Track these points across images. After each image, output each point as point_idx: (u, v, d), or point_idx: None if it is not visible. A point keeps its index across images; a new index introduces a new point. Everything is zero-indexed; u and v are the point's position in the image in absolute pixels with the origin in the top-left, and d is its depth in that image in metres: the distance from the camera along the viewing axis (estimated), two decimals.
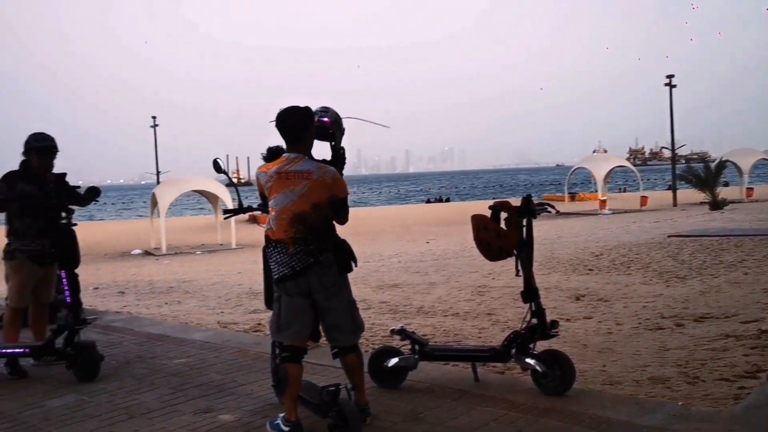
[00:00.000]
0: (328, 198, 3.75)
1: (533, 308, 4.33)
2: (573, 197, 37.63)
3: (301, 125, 3.80)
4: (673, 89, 32.76)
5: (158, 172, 40.38)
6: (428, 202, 50.65)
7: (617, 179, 41.66)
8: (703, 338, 5.98)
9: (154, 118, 41.02)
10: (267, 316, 8.20)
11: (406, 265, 13.68)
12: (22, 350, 5.23)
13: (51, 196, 5.19)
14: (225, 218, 5.20)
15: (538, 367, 4.20)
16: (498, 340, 6.34)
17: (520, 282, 11.15)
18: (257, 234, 26.72)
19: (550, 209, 4.61)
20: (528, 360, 4.26)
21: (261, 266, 4.37)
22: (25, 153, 5.44)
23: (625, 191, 49.43)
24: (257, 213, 4.84)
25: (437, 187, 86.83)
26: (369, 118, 4.93)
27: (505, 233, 4.20)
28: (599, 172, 30.53)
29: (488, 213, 4.32)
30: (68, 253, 5.13)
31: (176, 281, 12.73)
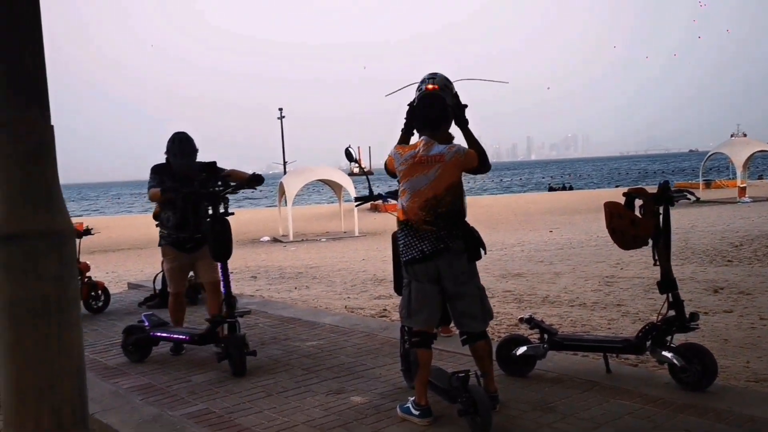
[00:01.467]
0: (460, 176, 3.82)
1: (671, 299, 4.14)
2: (708, 185, 35.52)
3: (444, 116, 3.86)
4: None
5: (285, 162, 41.82)
6: (551, 189, 49.41)
7: (757, 165, 38.86)
8: None
9: (280, 110, 42.51)
10: (392, 302, 8.38)
11: (529, 254, 13.46)
12: (183, 337, 5.36)
13: (203, 188, 5.12)
14: (356, 205, 5.16)
15: (676, 361, 4.03)
16: (629, 331, 6.14)
17: (650, 273, 10.73)
18: (378, 222, 27.18)
19: (689, 196, 4.39)
20: (665, 353, 4.09)
21: (384, 253, 4.43)
22: (166, 152, 5.60)
23: (761, 178, 46.08)
24: (379, 202, 4.93)
25: (560, 175, 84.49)
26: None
27: (640, 221, 4.05)
28: (738, 158, 28.57)
29: (622, 200, 4.17)
30: (220, 243, 5.07)
31: (304, 267, 13.16)
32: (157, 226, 5.86)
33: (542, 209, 29.38)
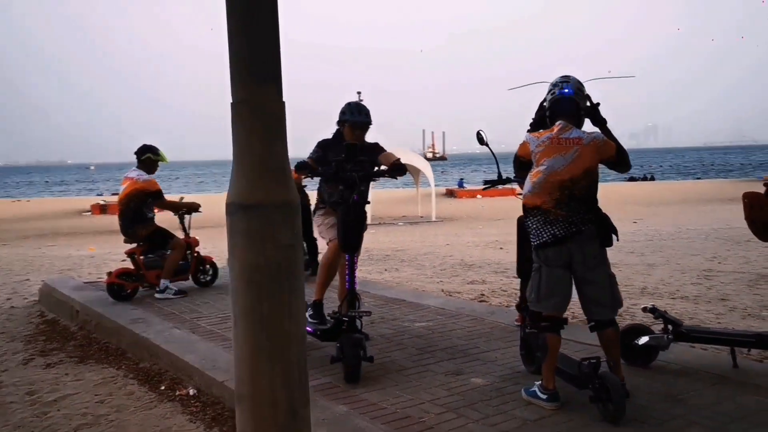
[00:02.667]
0: (597, 162, 3.84)
1: None
2: None
3: (579, 111, 3.95)
4: None
5: None
6: (632, 180, 48.14)
7: None
8: None
9: (359, 93, 42.64)
10: (487, 287, 8.41)
11: (618, 244, 13.19)
12: (311, 330, 4.96)
13: (339, 170, 4.80)
14: (485, 188, 5.14)
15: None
16: (739, 326, 5.98)
17: (750, 268, 10.41)
18: (455, 208, 27.11)
19: None
20: None
21: (464, 239, 4.45)
22: (339, 123, 5.36)
23: None
24: (455, 187, 4.95)
25: (641, 165, 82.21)
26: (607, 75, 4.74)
27: None
28: None
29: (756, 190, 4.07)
30: (350, 233, 4.76)
31: (390, 250, 13.30)
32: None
33: (624, 200, 28.69)
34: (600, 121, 3.97)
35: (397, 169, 4.98)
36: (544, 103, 4.07)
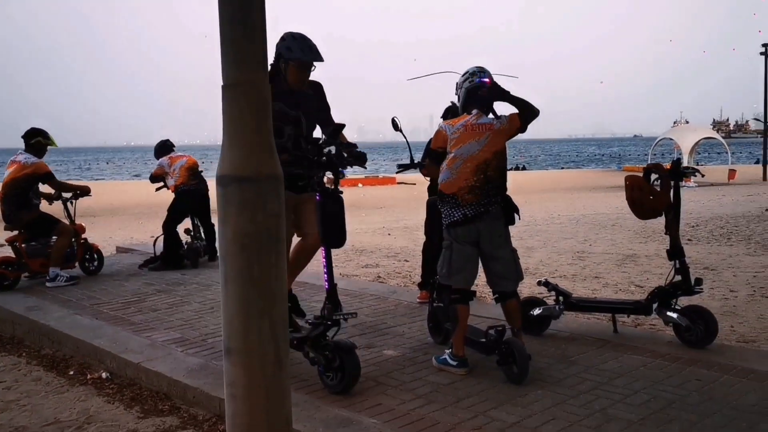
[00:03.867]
0: (505, 142, 4.22)
1: (677, 266, 4.59)
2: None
3: (491, 99, 4.28)
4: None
5: None
6: None
7: (702, 152, 40.52)
8: None
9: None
10: (382, 269, 8.72)
11: None
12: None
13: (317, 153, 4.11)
14: (397, 172, 5.34)
15: (681, 321, 4.48)
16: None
17: (616, 249, 11.31)
18: (355, 196, 27.34)
19: (697, 174, 4.84)
20: (671, 314, 4.55)
21: (351, 227, 4.41)
22: (280, 60, 4.53)
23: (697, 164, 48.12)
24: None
25: (512, 155, 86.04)
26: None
27: (657, 194, 4.47)
28: (685, 144, 29.87)
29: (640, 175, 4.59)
30: (330, 225, 4.03)
31: None
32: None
33: None
34: (503, 93, 4.25)
35: (360, 157, 4.30)
36: (457, 92, 4.37)
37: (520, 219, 4.37)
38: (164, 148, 8.84)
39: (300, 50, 4.44)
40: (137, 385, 4.42)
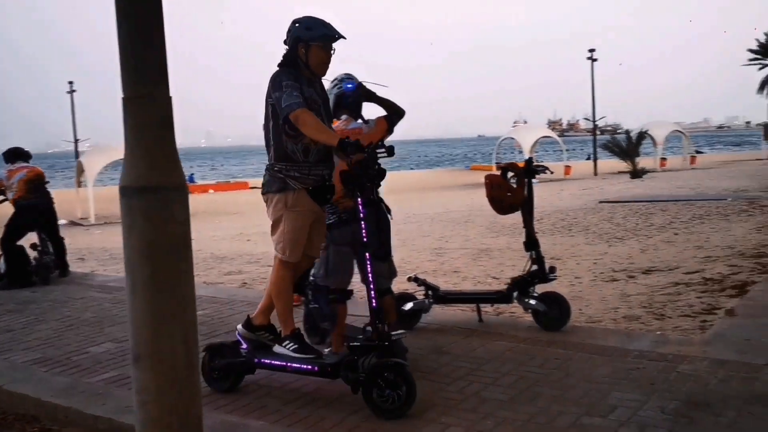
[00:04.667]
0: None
1: (534, 256, 4.99)
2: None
3: (360, 105, 4.45)
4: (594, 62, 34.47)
5: (76, 140, 38.99)
6: None
7: (540, 150, 43.40)
8: (656, 286, 6.84)
9: (70, 83, 39.43)
10: (248, 276, 8.66)
11: None
12: (309, 367, 3.88)
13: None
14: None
15: (539, 307, 4.87)
16: None
17: (471, 245, 11.89)
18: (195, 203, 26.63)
19: (547, 171, 5.27)
20: (530, 301, 4.93)
21: (207, 234, 4.64)
22: (299, 43, 3.95)
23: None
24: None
25: None
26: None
27: (515, 190, 4.83)
28: (526, 143, 31.86)
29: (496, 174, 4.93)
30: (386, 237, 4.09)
31: None
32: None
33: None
34: (370, 94, 4.43)
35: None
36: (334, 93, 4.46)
37: (392, 219, 4.56)
38: (13, 155, 8.27)
39: (323, 26, 3.96)
40: (0, 410, 4.16)
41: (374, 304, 3.72)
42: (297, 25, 3.96)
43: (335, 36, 3.97)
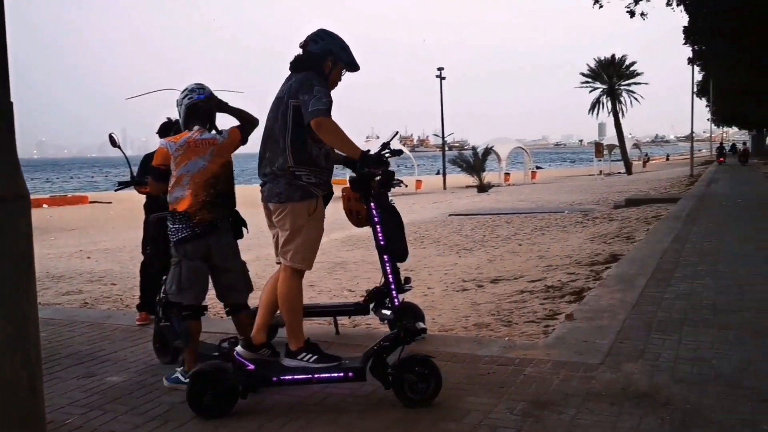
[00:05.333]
0: (230, 155, 4.28)
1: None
2: None
3: (213, 115, 4.33)
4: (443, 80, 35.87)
5: None
6: None
7: (392, 164, 44.30)
8: (503, 294, 7.19)
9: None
10: (85, 296, 8.14)
11: None
12: (340, 374, 3.83)
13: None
14: (116, 190, 5.04)
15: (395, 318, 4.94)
16: None
17: (326, 258, 11.90)
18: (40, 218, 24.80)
19: (402, 184, 5.37)
20: (385, 312, 4.99)
21: (40, 252, 4.41)
22: (327, 59, 3.93)
23: None
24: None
25: None
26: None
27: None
28: None
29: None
30: (401, 238, 3.96)
31: None
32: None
33: None
34: (222, 105, 4.37)
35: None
36: (178, 109, 4.33)
37: (248, 232, 4.47)
38: None
39: (352, 54, 3.97)
40: None
41: (397, 304, 3.87)
42: (332, 38, 3.92)
43: (357, 69, 4.00)
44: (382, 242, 3.87)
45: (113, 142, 4.47)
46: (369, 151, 3.82)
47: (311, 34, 3.93)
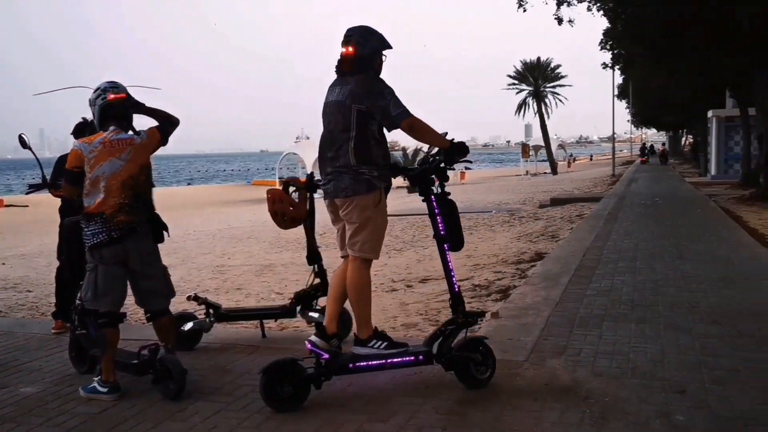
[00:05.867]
0: (149, 156, 4.16)
1: (316, 269, 5.03)
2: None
3: (130, 114, 4.17)
4: None
5: None
6: None
7: None
8: (431, 294, 7.25)
9: None
10: (2, 302, 7.77)
11: None
12: (411, 358, 3.97)
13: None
14: (27, 192, 4.82)
15: (321, 320, 4.89)
16: None
17: (252, 261, 11.78)
18: None
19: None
20: (312, 314, 4.96)
21: None
22: (374, 56, 4.06)
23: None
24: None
25: None
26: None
27: (296, 204, 4.82)
28: (308, 158, 32.29)
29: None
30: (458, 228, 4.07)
31: None
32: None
33: None
34: (138, 106, 4.22)
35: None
36: (92, 109, 4.16)
37: (169, 236, 4.34)
38: None
39: (386, 38, 4.10)
40: None
41: (456, 290, 4.10)
42: (373, 35, 4.03)
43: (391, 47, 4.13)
44: (442, 233, 4.04)
45: (23, 143, 4.27)
46: (453, 139, 4.00)
47: (354, 37, 4.00)
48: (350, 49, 3.95)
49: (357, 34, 3.99)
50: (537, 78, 59.70)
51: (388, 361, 3.94)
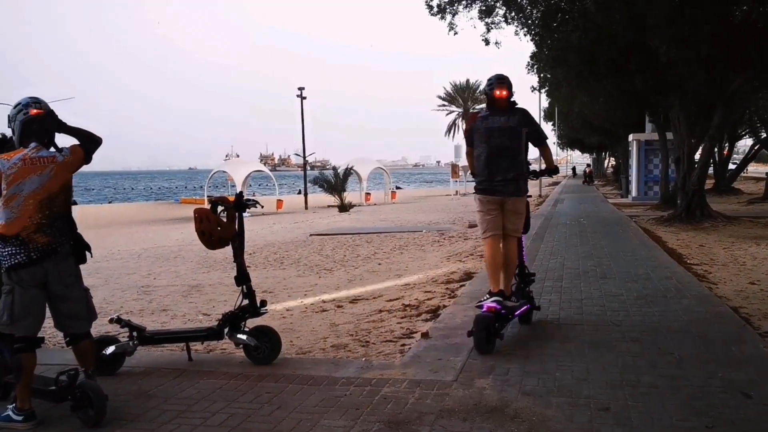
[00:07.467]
0: (71, 175, 4.02)
1: (245, 290, 4.94)
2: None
3: (51, 131, 4.03)
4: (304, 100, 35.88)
5: None
6: None
7: (253, 184, 43.86)
8: (362, 314, 7.23)
9: None
10: None
11: None
12: (527, 307, 5.97)
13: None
14: None
15: (250, 342, 4.83)
16: None
17: (181, 281, 11.53)
18: None
19: (258, 205, 5.27)
20: (241, 336, 4.87)
21: None
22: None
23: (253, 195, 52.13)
24: None
25: None
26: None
27: (224, 224, 4.75)
28: (238, 176, 31.88)
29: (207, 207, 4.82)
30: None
31: None
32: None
33: None
34: (60, 125, 4.08)
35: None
36: (11, 125, 4.00)
37: (92, 256, 4.19)
38: None
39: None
40: None
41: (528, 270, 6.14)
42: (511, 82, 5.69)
43: None
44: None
45: None
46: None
47: (509, 84, 5.65)
48: (505, 92, 5.55)
49: (509, 84, 5.61)
50: (466, 100, 60.93)
51: (523, 308, 5.73)
